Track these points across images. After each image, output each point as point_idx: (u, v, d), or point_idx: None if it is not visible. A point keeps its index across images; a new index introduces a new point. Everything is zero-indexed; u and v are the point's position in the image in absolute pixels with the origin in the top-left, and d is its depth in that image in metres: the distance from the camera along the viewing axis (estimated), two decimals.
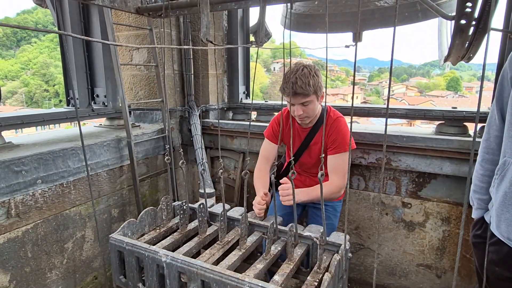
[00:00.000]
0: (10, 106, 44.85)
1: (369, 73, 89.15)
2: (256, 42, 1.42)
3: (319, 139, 1.88)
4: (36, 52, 61.65)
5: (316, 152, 1.91)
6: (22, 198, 1.70)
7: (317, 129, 1.89)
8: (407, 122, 15.83)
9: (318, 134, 1.89)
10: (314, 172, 1.97)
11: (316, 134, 1.89)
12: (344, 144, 1.78)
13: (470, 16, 0.75)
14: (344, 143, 1.78)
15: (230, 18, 2.80)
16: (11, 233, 1.67)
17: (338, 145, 1.79)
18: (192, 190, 2.98)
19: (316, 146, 1.90)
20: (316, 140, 1.90)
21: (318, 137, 1.89)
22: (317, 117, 1.88)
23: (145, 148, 2.42)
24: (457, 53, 0.87)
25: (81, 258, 2.06)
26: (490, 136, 1.29)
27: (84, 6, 2.33)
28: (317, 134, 1.89)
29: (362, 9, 1.12)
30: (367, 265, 2.40)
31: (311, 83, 1.66)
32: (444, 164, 1.96)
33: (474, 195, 1.37)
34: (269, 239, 1.40)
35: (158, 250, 1.31)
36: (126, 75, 2.69)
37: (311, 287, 1.21)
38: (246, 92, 3.03)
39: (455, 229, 2.07)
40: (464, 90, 61.40)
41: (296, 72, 1.68)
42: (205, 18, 1.06)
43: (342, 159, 1.79)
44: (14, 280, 1.70)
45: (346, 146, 1.77)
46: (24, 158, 1.68)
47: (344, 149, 1.77)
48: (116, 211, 2.28)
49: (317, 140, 1.89)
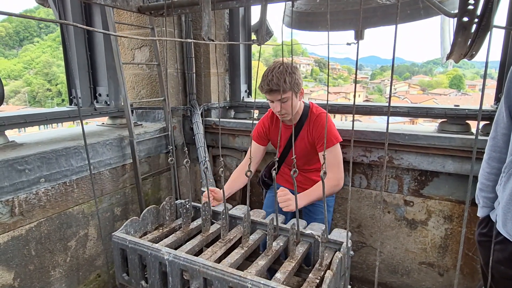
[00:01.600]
0: (13, 105, 45.08)
1: (371, 71, 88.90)
2: (258, 40, 1.42)
3: (304, 135, 1.91)
4: (38, 51, 61.87)
5: (301, 148, 1.93)
6: (26, 197, 1.71)
7: (301, 125, 1.91)
8: (409, 120, 15.78)
9: (303, 130, 1.91)
10: (304, 168, 1.99)
11: (300, 131, 1.92)
12: (331, 137, 1.80)
13: (472, 13, 0.74)
14: (331, 137, 1.80)
15: (231, 16, 2.79)
16: (15, 231, 1.68)
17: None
18: (195, 189, 2.99)
19: (301, 142, 1.93)
20: (301, 136, 1.92)
21: (303, 133, 1.91)
22: (299, 114, 1.91)
23: (147, 146, 2.43)
24: (460, 50, 0.86)
25: (84, 256, 2.08)
26: (497, 134, 1.28)
27: (86, 6, 2.33)
28: (302, 130, 1.92)
29: (364, 7, 1.11)
30: (369, 263, 2.40)
31: (287, 80, 1.70)
32: (447, 162, 1.96)
33: (480, 193, 1.36)
34: (269, 235, 1.41)
35: (160, 248, 1.32)
36: (128, 74, 2.70)
37: (312, 284, 1.22)
38: (247, 90, 3.03)
39: (458, 227, 2.07)
40: (467, 88, 61.09)
41: (273, 70, 1.73)
42: (207, 17, 1.07)
43: (333, 153, 1.81)
44: (18, 278, 1.71)
45: (333, 140, 1.80)
46: (28, 157, 1.69)
47: (331, 143, 1.80)
48: (118, 210, 2.29)
49: (302, 136, 1.92)
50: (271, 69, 1.74)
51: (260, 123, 2.06)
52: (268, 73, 1.73)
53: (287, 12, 1.34)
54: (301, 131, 1.91)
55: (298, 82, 1.76)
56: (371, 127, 2.21)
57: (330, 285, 1.12)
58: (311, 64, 78.45)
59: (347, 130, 2.17)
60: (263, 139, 2.05)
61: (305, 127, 1.90)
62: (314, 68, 77.05)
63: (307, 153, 1.93)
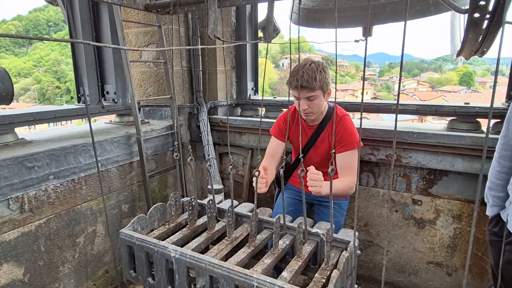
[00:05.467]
0: (23, 102, 45.79)
1: (380, 68, 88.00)
2: (264, 37, 1.41)
3: (325, 136, 1.88)
4: (47, 49, 62.63)
5: (322, 149, 1.90)
6: (35, 194, 1.73)
7: (323, 126, 1.88)
8: (418, 118, 15.59)
9: (325, 132, 1.88)
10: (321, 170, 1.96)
11: (322, 132, 1.88)
12: (352, 141, 1.76)
13: (484, 9, 0.73)
14: (352, 141, 1.76)
15: (238, 13, 2.78)
16: (24, 227, 1.71)
17: (346, 143, 1.78)
18: (201, 186, 3.00)
19: (322, 143, 1.89)
20: (322, 137, 1.89)
21: (325, 134, 1.88)
22: (323, 115, 1.87)
23: (154, 144, 2.44)
24: (470, 47, 0.85)
25: (93, 252, 2.10)
26: (509, 132, 1.26)
27: (94, 4, 2.35)
28: (324, 131, 1.88)
29: (372, 3, 1.10)
30: (376, 262, 2.39)
31: (318, 78, 1.67)
32: (456, 161, 1.93)
33: (490, 192, 1.34)
34: (275, 234, 1.40)
35: (167, 246, 1.33)
36: (135, 72, 2.71)
37: (319, 284, 1.21)
38: (254, 88, 3.02)
39: (467, 227, 2.04)
40: (477, 85, 60.12)
41: (304, 66, 1.70)
42: (213, 15, 1.06)
43: (351, 157, 1.77)
44: (28, 273, 1.74)
45: (354, 143, 1.76)
46: (37, 154, 1.71)
47: (352, 146, 1.76)
48: (126, 207, 2.31)
49: (324, 138, 1.88)
50: (302, 65, 1.71)
51: (280, 119, 2.00)
52: (298, 69, 1.70)
53: (295, 9, 1.33)
54: (323, 132, 1.88)
55: (328, 81, 1.73)
56: (379, 125, 2.19)
57: (336, 284, 1.11)
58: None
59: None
60: (283, 136, 1.97)
61: (327, 129, 1.86)
62: None
63: (326, 156, 1.89)
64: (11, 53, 67.84)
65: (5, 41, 69.58)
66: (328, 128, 1.86)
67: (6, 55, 65.17)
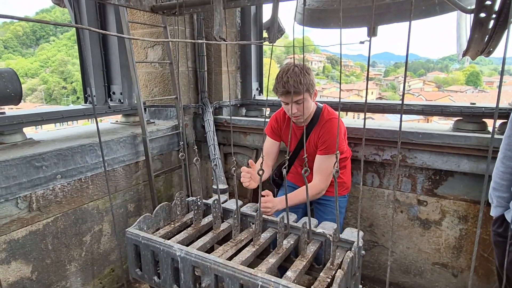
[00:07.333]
0: (30, 103, 46.27)
1: (385, 68, 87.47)
2: (269, 38, 1.42)
3: (312, 138, 1.88)
4: (54, 50, 63.30)
5: (310, 149, 1.91)
6: (43, 193, 1.76)
7: (311, 127, 1.89)
8: (424, 118, 15.48)
9: (311, 134, 1.88)
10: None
11: (310, 133, 1.89)
12: (333, 145, 1.76)
13: (490, 9, 0.72)
14: (334, 145, 1.75)
15: (243, 14, 2.79)
16: (32, 226, 1.73)
17: (327, 146, 1.77)
18: (206, 186, 3.01)
19: (309, 145, 1.90)
20: (310, 138, 1.90)
21: (311, 136, 1.88)
22: (311, 116, 1.89)
23: (159, 144, 2.46)
24: (477, 47, 0.84)
25: (99, 251, 2.12)
26: None
27: (101, 5, 2.37)
28: (311, 132, 1.89)
29: (377, 3, 1.10)
30: (381, 263, 2.38)
31: (303, 81, 1.68)
32: (462, 161, 1.92)
33: (494, 193, 1.33)
34: (280, 233, 1.41)
35: (172, 245, 1.34)
36: (141, 73, 2.73)
37: (324, 283, 1.21)
38: (259, 88, 3.02)
39: (473, 228, 2.02)
40: (484, 85, 59.48)
41: (287, 71, 1.71)
42: (218, 16, 1.07)
43: (329, 161, 1.77)
44: (36, 271, 1.77)
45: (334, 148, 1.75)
46: (44, 154, 1.74)
47: (332, 151, 1.76)
48: (132, 206, 2.33)
49: (310, 139, 1.89)
50: (285, 70, 1.72)
51: (273, 118, 2.04)
52: (282, 75, 1.71)
53: (299, 10, 1.33)
54: (310, 134, 1.88)
55: (313, 83, 1.74)
56: (384, 125, 2.18)
57: (341, 284, 1.12)
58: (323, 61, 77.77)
59: (359, 129, 2.15)
60: (277, 135, 2.03)
61: (314, 130, 1.87)
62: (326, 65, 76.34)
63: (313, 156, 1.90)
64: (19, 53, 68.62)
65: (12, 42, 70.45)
66: (315, 129, 1.87)
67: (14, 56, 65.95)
